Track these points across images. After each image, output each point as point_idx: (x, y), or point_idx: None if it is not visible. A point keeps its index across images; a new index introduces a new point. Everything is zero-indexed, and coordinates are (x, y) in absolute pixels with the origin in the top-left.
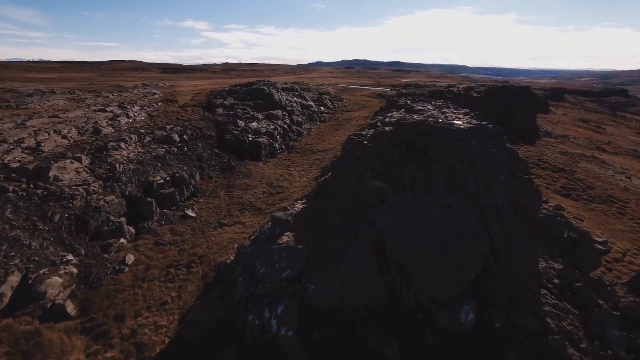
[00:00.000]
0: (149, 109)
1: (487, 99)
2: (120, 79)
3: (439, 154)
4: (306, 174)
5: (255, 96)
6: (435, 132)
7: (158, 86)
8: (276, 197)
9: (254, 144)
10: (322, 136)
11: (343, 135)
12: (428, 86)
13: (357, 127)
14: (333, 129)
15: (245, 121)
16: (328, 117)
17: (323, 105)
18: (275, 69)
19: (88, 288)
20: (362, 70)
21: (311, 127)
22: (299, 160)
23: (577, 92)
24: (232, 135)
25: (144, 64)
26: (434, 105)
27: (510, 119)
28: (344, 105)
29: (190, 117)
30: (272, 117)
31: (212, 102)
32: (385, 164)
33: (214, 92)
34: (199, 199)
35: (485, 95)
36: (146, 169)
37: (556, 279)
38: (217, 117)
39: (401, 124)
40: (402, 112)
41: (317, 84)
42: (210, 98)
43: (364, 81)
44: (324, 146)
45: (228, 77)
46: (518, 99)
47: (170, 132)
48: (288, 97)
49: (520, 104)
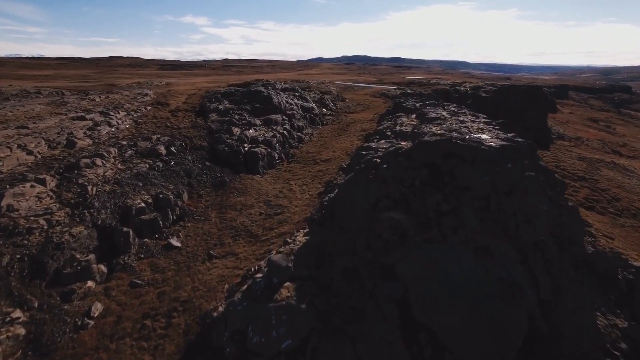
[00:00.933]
0: (136, 115)
1: (496, 99)
2: (116, 76)
3: (469, 179)
4: (308, 189)
5: (252, 99)
6: (464, 153)
7: (153, 85)
8: (274, 219)
9: (250, 155)
10: (325, 142)
11: (347, 141)
12: (432, 84)
13: (362, 131)
14: (336, 133)
15: (241, 128)
16: (331, 120)
17: (325, 106)
18: (275, 65)
19: (38, 355)
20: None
21: (313, 132)
22: (300, 172)
23: (580, 89)
24: (226, 146)
25: (142, 60)
26: (448, 111)
27: (521, 120)
28: (346, 106)
29: (180, 124)
30: (270, 122)
31: (205, 107)
32: (404, 191)
33: (209, 94)
34: (186, 223)
35: (494, 96)
36: (125, 190)
37: (622, 341)
38: (210, 124)
39: (422, 142)
40: (414, 119)
41: (318, 82)
42: (204, 101)
43: (366, 78)
44: (327, 154)
45: (227, 74)
46: (529, 99)
47: (157, 143)
48: (288, 100)
49: (532, 105)
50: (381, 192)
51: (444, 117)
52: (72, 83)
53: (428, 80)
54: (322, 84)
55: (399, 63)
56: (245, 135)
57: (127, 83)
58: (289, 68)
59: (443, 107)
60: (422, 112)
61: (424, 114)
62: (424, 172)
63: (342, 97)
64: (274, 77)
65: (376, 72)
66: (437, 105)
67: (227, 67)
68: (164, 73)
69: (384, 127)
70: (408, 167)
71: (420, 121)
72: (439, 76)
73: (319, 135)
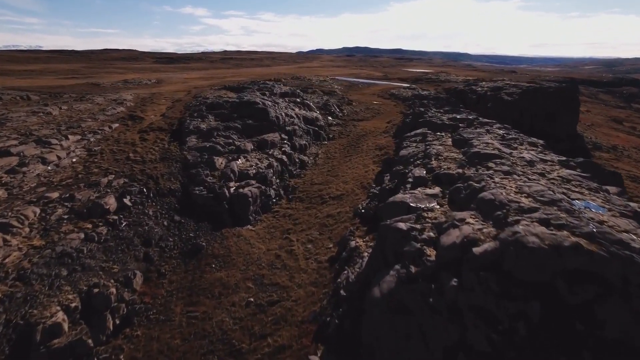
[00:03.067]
0: (94, 139)
1: (521, 103)
2: (107, 71)
3: (625, 326)
4: (315, 250)
5: (244, 112)
6: (606, 272)
7: (141, 84)
8: (268, 314)
9: (237, 199)
10: (333, 167)
11: (360, 164)
12: (441, 81)
13: (376, 149)
14: (346, 151)
15: (227, 158)
16: (338, 132)
17: (330, 113)
18: (275, 58)
19: None
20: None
21: (318, 152)
22: (303, 218)
23: (587, 82)
24: (204, 187)
25: (137, 53)
26: (494, 135)
27: (550, 127)
28: (354, 111)
29: (147, 154)
30: (266, 145)
31: (184, 126)
32: (497, 342)
33: (193, 104)
34: (134, 330)
35: (519, 99)
36: (33, 291)
37: None
38: (187, 155)
39: (521, 246)
40: (454, 149)
41: (320, 80)
42: (184, 116)
43: (368, 72)
44: (338, 187)
45: (225, 67)
46: (559, 102)
47: (105, 192)
48: (287, 110)
49: (562, 109)
50: (452, 337)
51: (499, 151)
52: (54, 82)
53: (437, 76)
54: (325, 82)
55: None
56: (231, 168)
57: (114, 81)
58: (288, 60)
59: (485, 129)
60: (461, 136)
61: (464, 141)
62: (533, 308)
63: (347, 99)
64: (274, 72)
65: (378, 65)
66: (472, 122)
67: (226, 60)
68: (159, 67)
69: (411, 155)
70: (500, 292)
71: (468, 157)
72: (443, 69)
73: (325, 155)
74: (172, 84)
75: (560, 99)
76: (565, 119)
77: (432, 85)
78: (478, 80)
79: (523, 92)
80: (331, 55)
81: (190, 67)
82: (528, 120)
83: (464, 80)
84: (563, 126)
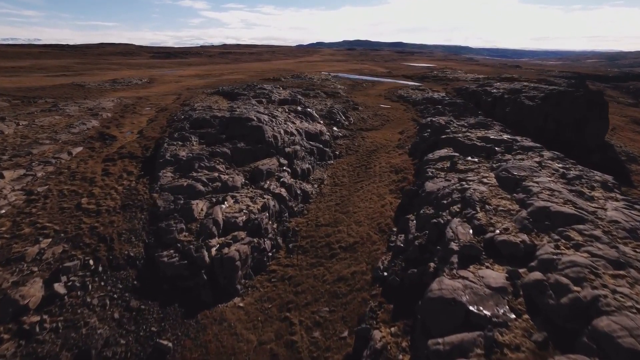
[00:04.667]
0: (42, 173)
1: (545, 108)
2: (100, 67)
3: None
4: (324, 342)
5: (236, 132)
6: None
7: (130, 85)
8: None
9: (221, 265)
10: (342, 199)
11: (375, 195)
12: (449, 79)
13: (391, 171)
14: (356, 175)
15: (209, 200)
16: (345, 147)
17: (335, 122)
18: (274, 51)
19: None
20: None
21: (323, 176)
22: (307, 283)
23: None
24: (176, 251)
25: (134, 47)
26: (553, 173)
27: (579, 136)
28: (361, 118)
29: (106, 196)
30: (260, 176)
31: (160, 152)
32: None
33: (177, 119)
34: None
35: (542, 104)
36: None
37: None
38: (157, 198)
39: None
40: (508, 199)
41: (322, 79)
42: (164, 136)
43: (370, 66)
44: (349, 229)
45: (223, 62)
46: (588, 108)
47: (28, 272)
48: (287, 126)
49: (591, 116)
50: None
51: (575, 207)
52: (38, 81)
53: (443, 74)
54: (327, 81)
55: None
56: (214, 218)
57: (101, 81)
58: (288, 54)
59: (523, 151)
60: (508, 173)
61: (514, 181)
62: None
63: (352, 103)
64: (273, 67)
65: (379, 59)
66: (510, 144)
67: (224, 55)
68: (155, 62)
69: (442, 193)
70: None
71: (533, 215)
72: (445, 63)
73: (331, 181)
74: (164, 83)
75: (589, 105)
76: (595, 127)
77: (440, 85)
78: (489, 78)
79: (546, 97)
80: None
81: (188, 63)
82: (553, 127)
83: (474, 79)
84: (592, 135)
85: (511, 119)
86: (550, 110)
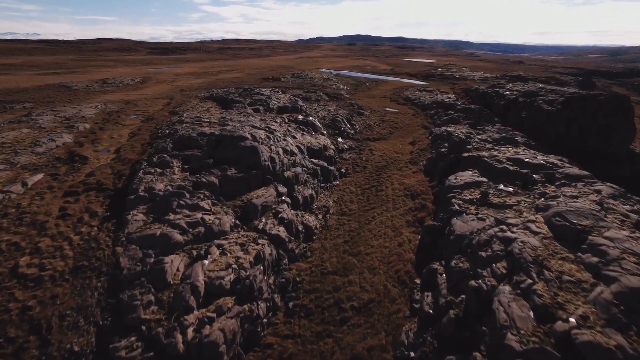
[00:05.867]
0: None
1: (566, 114)
2: (95, 64)
3: None
4: None
5: (226, 155)
6: None
7: (121, 85)
8: None
9: (200, 351)
10: (352, 234)
11: (388, 226)
12: (456, 78)
13: (406, 195)
14: (366, 200)
15: (188, 254)
16: (351, 162)
17: (340, 132)
18: (274, 47)
19: None
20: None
21: (328, 203)
22: None
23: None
24: (138, 339)
25: (131, 43)
26: (624, 221)
27: (606, 145)
28: (367, 125)
29: (56, 252)
30: (254, 212)
31: (133, 185)
32: None
33: (161, 135)
34: None
35: (562, 109)
36: None
37: None
38: (120, 255)
39: None
40: (576, 265)
41: (323, 78)
42: (142, 158)
43: (371, 62)
44: (362, 280)
45: (222, 58)
46: (615, 113)
47: None
48: (287, 143)
49: (618, 122)
50: None
51: None
52: (25, 81)
53: (449, 72)
54: (329, 81)
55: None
56: (193, 282)
57: (91, 80)
58: (288, 49)
59: (569, 180)
60: (565, 221)
61: (576, 232)
62: None
63: (357, 106)
64: (273, 64)
65: (380, 54)
66: (550, 171)
67: (223, 50)
68: (152, 59)
69: (476, 240)
70: None
71: (622, 299)
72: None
73: (338, 209)
74: (158, 83)
75: (615, 110)
76: (622, 134)
77: (447, 84)
78: (497, 77)
79: (567, 101)
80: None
81: (185, 59)
82: (576, 134)
83: (482, 79)
84: (619, 143)
85: (529, 125)
86: (572, 116)
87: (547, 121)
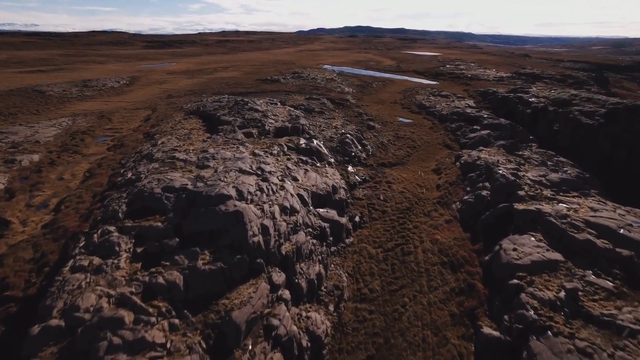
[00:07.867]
0: None
1: (611, 129)
2: (84, 60)
3: None
4: None
5: (199, 228)
6: None
7: (104, 89)
8: None
9: None
10: (378, 343)
11: (429, 327)
12: (468, 78)
13: (442, 265)
14: (390, 269)
15: None
16: (366, 202)
17: (350, 158)
18: (274, 39)
19: None
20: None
21: (341, 281)
22: None
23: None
24: None
25: (126, 36)
26: None
27: None
28: (380, 143)
29: None
30: (234, 335)
31: (48, 295)
32: None
33: (115, 186)
34: None
35: (605, 123)
36: None
37: None
38: None
39: None
40: None
41: (325, 78)
42: (80, 233)
43: (374, 56)
44: None
45: (220, 53)
46: None
47: None
48: (285, 193)
49: None
50: None
51: None
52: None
53: (459, 70)
54: (332, 82)
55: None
56: None
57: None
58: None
59: None
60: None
61: None
62: None
63: (366, 117)
64: (272, 58)
65: (382, 47)
66: None
67: (222, 43)
68: (147, 54)
69: None
70: None
71: None
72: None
73: (355, 292)
74: (146, 86)
75: None
76: None
77: (459, 85)
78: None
79: (610, 113)
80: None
81: (182, 53)
82: (624, 155)
83: (497, 79)
84: None
85: (564, 142)
86: (619, 132)
87: (588, 138)
